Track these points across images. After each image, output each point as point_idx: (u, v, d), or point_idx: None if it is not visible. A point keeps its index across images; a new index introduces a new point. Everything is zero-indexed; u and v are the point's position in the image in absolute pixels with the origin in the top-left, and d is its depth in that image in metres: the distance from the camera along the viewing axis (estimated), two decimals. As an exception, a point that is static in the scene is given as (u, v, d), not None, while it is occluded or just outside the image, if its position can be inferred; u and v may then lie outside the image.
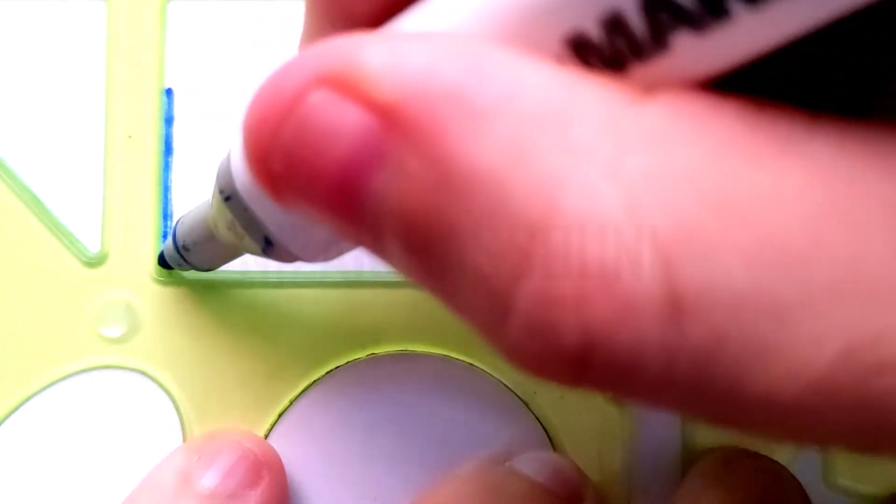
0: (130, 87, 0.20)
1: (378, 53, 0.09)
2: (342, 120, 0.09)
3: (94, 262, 0.20)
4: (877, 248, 0.08)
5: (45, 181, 0.20)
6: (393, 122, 0.09)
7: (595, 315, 0.08)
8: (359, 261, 0.20)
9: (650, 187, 0.08)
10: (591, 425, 0.19)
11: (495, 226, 0.08)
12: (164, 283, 0.19)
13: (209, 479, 0.18)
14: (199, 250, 0.17)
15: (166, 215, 0.20)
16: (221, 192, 0.14)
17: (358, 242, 0.10)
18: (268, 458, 0.19)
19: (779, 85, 0.09)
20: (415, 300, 0.20)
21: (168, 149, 0.20)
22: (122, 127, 0.20)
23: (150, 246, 0.20)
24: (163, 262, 0.19)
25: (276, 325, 0.19)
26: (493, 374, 0.19)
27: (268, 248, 0.15)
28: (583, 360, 0.08)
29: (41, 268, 0.19)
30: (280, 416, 0.19)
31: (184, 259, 0.18)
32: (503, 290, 0.08)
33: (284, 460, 0.19)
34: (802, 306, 0.08)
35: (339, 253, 0.15)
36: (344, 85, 0.09)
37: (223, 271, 0.19)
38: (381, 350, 0.19)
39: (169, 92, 0.20)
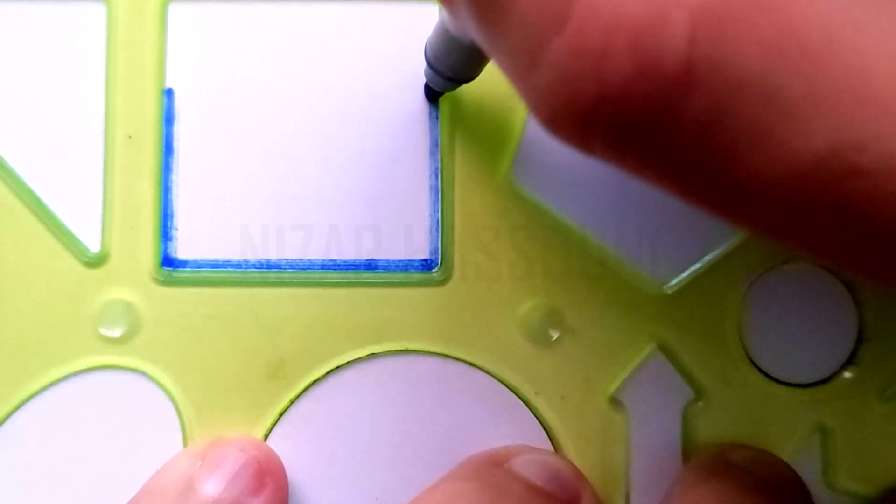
0: (130, 87, 0.20)
1: None
2: None
3: (94, 262, 0.20)
4: (883, 68, 0.09)
5: (45, 181, 0.20)
6: None
7: (614, 67, 0.09)
8: (356, 259, 0.20)
9: None
10: (592, 425, 0.19)
11: None
12: (164, 283, 0.19)
13: (212, 486, 0.18)
14: (440, 55, 0.18)
15: (166, 215, 0.20)
16: None
17: None
18: (271, 465, 0.19)
19: None
20: (415, 300, 0.20)
21: (168, 149, 0.20)
22: (122, 127, 0.20)
23: (150, 246, 0.20)
24: (428, 91, 0.19)
25: (276, 325, 0.19)
26: (493, 374, 0.19)
27: None
28: (595, 111, 0.09)
29: (41, 268, 0.19)
30: (280, 416, 0.19)
31: (437, 72, 0.18)
32: (542, 36, 0.09)
33: (284, 461, 0.19)
34: (803, 102, 0.09)
35: None
36: None
37: (223, 271, 0.19)
38: (381, 350, 0.19)
39: (169, 92, 0.20)
